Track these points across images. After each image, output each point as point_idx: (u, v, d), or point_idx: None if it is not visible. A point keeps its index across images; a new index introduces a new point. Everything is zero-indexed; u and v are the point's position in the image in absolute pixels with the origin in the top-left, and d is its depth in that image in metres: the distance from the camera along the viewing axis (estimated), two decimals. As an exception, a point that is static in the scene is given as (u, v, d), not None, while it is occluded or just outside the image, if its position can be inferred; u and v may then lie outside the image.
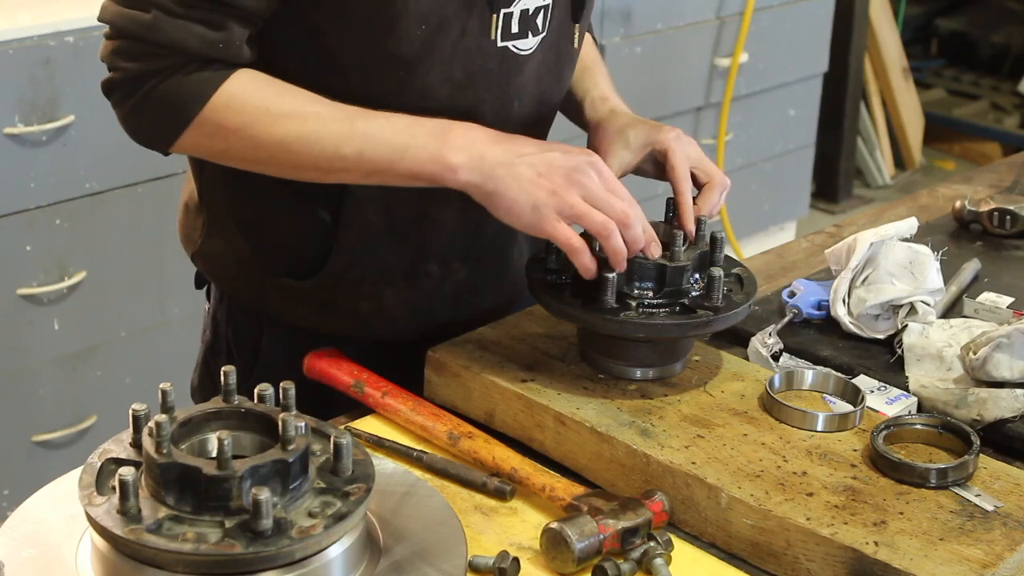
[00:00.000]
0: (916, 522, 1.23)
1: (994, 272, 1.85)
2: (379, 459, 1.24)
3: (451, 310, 1.60)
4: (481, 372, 1.45)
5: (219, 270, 1.61)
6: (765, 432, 1.36)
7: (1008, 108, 5.82)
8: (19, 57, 2.59)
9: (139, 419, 1.11)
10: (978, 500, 1.26)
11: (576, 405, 1.39)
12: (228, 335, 1.64)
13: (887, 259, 1.64)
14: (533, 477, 1.31)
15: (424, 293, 1.57)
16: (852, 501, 1.25)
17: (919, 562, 1.17)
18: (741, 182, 4.36)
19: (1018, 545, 1.20)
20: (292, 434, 1.08)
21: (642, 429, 1.36)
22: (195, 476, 1.04)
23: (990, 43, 6.03)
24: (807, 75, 4.46)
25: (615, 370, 1.45)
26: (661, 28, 3.86)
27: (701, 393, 1.43)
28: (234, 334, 1.63)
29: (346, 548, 1.09)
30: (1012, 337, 1.46)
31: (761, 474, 1.29)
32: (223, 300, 1.64)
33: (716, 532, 1.28)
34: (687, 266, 1.43)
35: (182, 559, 1.02)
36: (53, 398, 2.79)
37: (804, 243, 2.02)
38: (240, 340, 1.63)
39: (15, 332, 2.71)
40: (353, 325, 1.57)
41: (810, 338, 1.63)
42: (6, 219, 2.64)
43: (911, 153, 5.55)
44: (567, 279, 1.46)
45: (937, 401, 1.48)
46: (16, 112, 2.61)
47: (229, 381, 1.14)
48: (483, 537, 1.26)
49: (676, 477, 1.30)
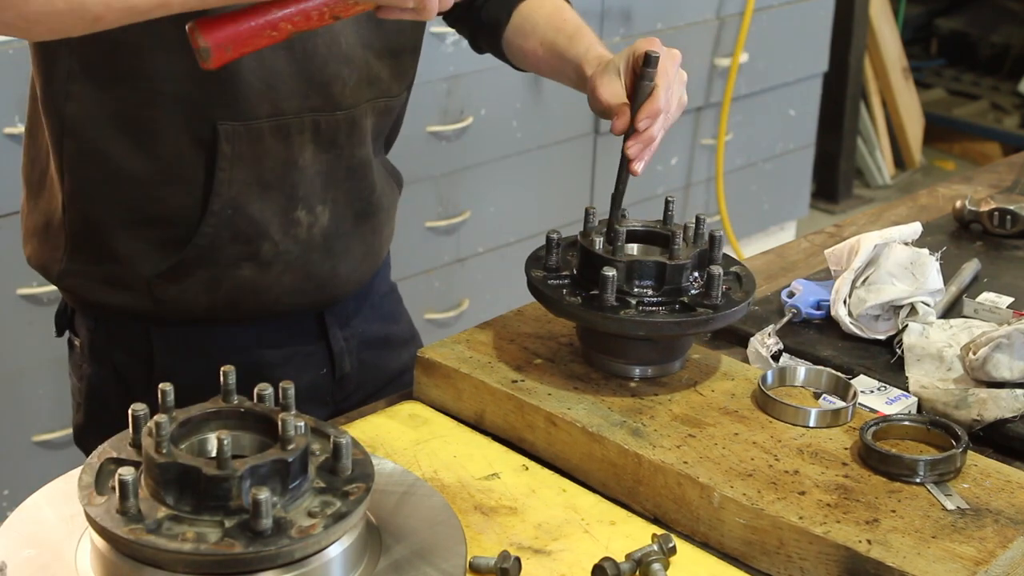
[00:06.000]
0: (908, 520, 1.23)
1: (994, 272, 1.85)
2: (378, 459, 1.24)
3: (326, 261, 1.60)
4: (471, 373, 1.45)
5: (87, 289, 1.59)
6: (756, 431, 1.36)
7: (1008, 108, 5.82)
8: (19, 57, 2.59)
9: (139, 419, 1.11)
10: (947, 499, 1.26)
11: (567, 405, 1.39)
12: (114, 358, 1.62)
13: (888, 260, 1.64)
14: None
15: (298, 243, 1.57)
16: (844, 499, 1.26)
17: (912, 560, 1.17)
18: (741, 182, 4.36)
19: (1010, 542, 1.20)
20: (291, 434, 1.08)
21: (633, 429, 1.36)
22: (195, 476, 1.04)
23: (990, 43, 6.03)
24: (807, 75, 4.46)
25: (615, 368, 1.45)
26: (661, 28, 3.86)
27: (692, 392, 1.43)
28: (120, 355, 1.62)
29: (346, 548, 1.09)
30: (1012, 337, 1.46)
31: (753, 473, 1.29)
32: (99, 328, 1.62)
33: (708, 531, 1.28)
34: (686, 264, 1.43)
35: (182, 559, 1.02)
36: (53, 398, 2.79)
37: (804, 243, 2.02)
38: (130, 358, 1.61)
39: (15, 332, 2.71)
40: (239, 297, 1.57)
41: (810, 338, 1.64)
42: (6, 219, 2.64)
43: (911, 153, 5.55)
44: (566, 277, 1.46)
45: (937, 401, 1.48)
46: (16, 112, 2.61)
47: (228, 381, 1.14)
48: (483, 537, 1.26)
49: (668, 477, 1.30)
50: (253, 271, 1.56)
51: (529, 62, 1.70)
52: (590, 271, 1.43)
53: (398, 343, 1.78)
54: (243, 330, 1.61)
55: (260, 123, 1.50)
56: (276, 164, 1.53)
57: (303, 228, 1.57)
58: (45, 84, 1.53)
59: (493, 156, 3.52)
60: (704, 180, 4.22)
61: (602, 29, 3.68)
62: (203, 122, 1.48)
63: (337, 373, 1.70)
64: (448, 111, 3.35)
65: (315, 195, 1.57)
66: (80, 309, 1.64)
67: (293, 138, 1.53)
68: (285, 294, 1.60)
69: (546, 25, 1.66)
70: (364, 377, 1.73)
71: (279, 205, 1.55)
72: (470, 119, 3.40)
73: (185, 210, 1.52)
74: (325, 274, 1.61)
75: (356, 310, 1.71)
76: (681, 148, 4.10)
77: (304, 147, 1.54)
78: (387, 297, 1.80)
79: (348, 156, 1.59)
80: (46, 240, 1.60)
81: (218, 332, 1.60)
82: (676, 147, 4.07)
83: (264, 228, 1.55)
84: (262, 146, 1.51)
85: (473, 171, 3.48)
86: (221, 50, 1.29)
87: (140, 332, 1.60)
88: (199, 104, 1.47)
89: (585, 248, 1.45)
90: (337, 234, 1.61)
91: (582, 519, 1.29)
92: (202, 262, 1.54)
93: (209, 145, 1.49)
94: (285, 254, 1.57)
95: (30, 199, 1.62)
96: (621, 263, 1.42)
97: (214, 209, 1.51)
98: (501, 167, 3.55)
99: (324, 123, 1.54)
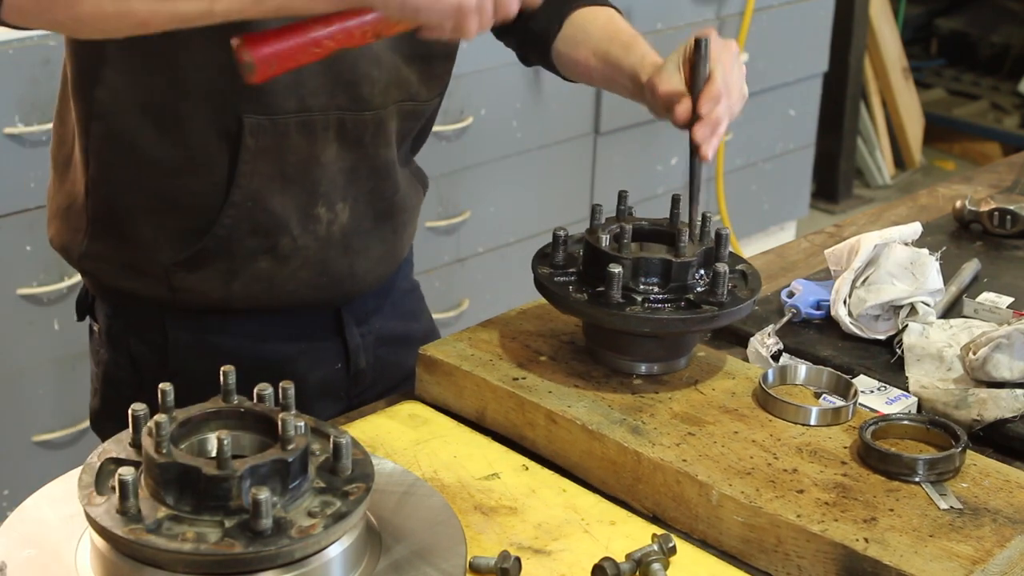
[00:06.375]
0: (906, 518, 1.23)
1: (994, 272, 1.85)
2: (378, 459, 1.24)
3: (343, 258, 1.61)
4: (472, 370, 1.45)
5: (105, 273, 1.61)
6: (756, 429, 1.36)
7: (1008, 108, 5.82)
8: (19, 57, 2.59)
9: (139, 419, 1.11)
10: (942, 499, 1.26)
11: (567, 403, 1.40)
12: (129, 346, 1.63)
13: (888, 260, 1.64)
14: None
15: (317, 239, 1.58)
16: (842, 498, 1.26)
17: (909, 558, 1.17)
18: (741, 182, 4.36)
19: (1008, 541, 1.20)
20: (291, 434, 1.08)
21: (633, 427, 1.36)
22: (195, 476, 1.04)
23: (990, 43, 6.03)
24: (807, 75, 4.46)
25: (620, 365, 1.46)
26: (661, 28, 3.86)
27: (692, 391, 1.43)
28: (136, 343, 1.63)
29: (345, 548, 1.09)
30: (1012, 337, 1.46)
31: (752, 471, 1.29)
32: (116, 314, 1.64)
33: (707, 529, 1.28)
34: (692, 262, 1.43)
35: (182, 559, 1.02)
36: (53, 398, 2.79)
37: (804, 243, 2.02)
38: (145, 346, 1.62)
39: (15, 332, 2.71)
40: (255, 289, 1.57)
41: (810, 338, 1.64)
42: (6, 219, 2.64)
43: (911, 153, 5.55)
44: (573, 274, 1.46)
45: (937, 401, 1.48)
46: (16, 112, 2.62)
47: (228, 381, 1.14)
48: (483, 537, 1.26)
49: (667, 474, 1.30)
50: (270, 264, 1.57)
51: (581, 72, 1.68)
52: (596, 268, 1.44)
53: (417, 341, 1.77)
54: (258, 323, 1.62)
55: (286, 118, 1.50)
56: (299, 159, 1.53)
57: (323, 224, 1.58)
58: (76, 67, 1.54)
59: (493, 156, 3.52)
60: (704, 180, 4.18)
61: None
62: (229, 114, 1.49)
63: (352, 369, 1.70)
64: (448, 111, 3.35)
65: (336, 192, 1.57)
66: (99, 295, 1.65)
67: (318, 135, 1.53)
68: (301, 289, 1.60)
69: (600, 35, 1.64)
70: (380, 373, 1.73)
71: (300, 200, 1.55)
72: (470, 119, 3.40)
73: (206, 200, 1.53)
74: (342, 271, 1.61)
75: (376, 307, 1.71)
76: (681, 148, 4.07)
77: (328, 145, 1.54)
78: (409, 295, 1.81)
79: (372, 156, 1.59)
80: (68, 221, 1.61)
81: (232, 324, 1.60)
82: (676, 147, 4.07)
83: (284, 222, 1.55)
84: (286, 141, 1.51)
85: (473, 171, 3.48)
86: (266, 65, 1.31)
87: (156, 321, 1.60)
88: (227, 96, 1.48)
89: (591, 245, 1.46)
90: (356, 232, 1.61)
91: (582, 519, 1.29)
92: (220, 253, 1.54)
93: (234, 137, 1.50)
94: (303, 249, 1.57)
95: (56, 180, 1.64)
96: (627, 260, 1.42)
97: (235, 200, 1.52)
98: (501, 167, 3.55)
99: (350, 122, 1.55)
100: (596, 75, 1.66)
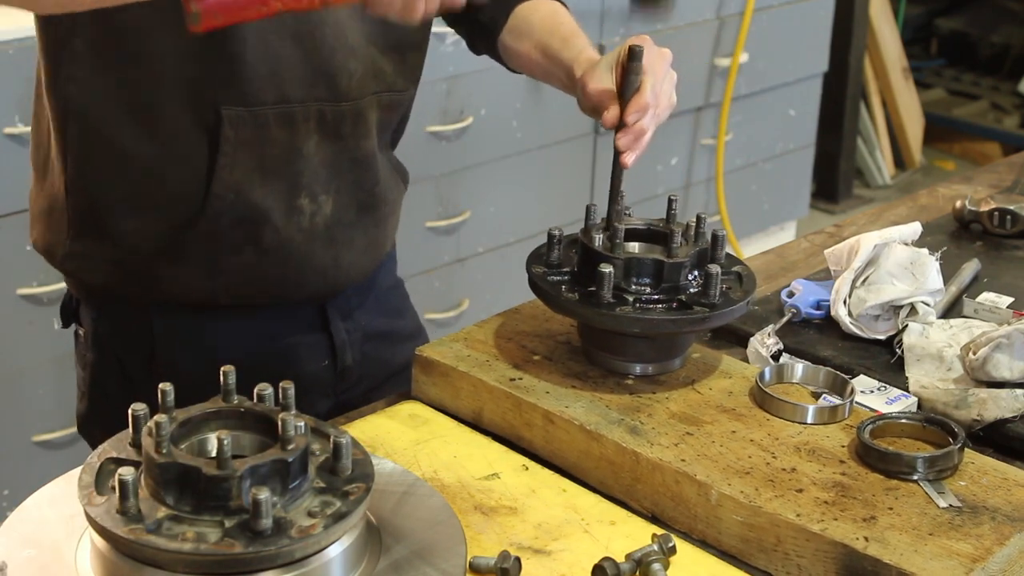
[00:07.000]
0: (905, 517, 1.23)
1: (994, 272, 1.85)
2: (378, 459, 1.24)
3: (327, 250, 1.61)
4: (469, 371, 1.45)
5: (89, 273, 1.60)
6: (754, 429, 1.36)
7: (1008, 108, 5.82)
8: (19, 57, 2.59)
9: (139, 419, 1.11)
10: (940, 497, 1.26)
11: (565, 403, 1.40)
12: (116, 347, 1.64)
13: (888, 259, 1.64)
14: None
15: (301, 230, 1.58)
16: (841, 497, 1.26)
17: (909, 557, 1.17)
18: (741, 182, 4.36)
19: (1007, 540, 1.20)
20: (291, 434, 1.08)
21: (631, 427, 1.36)
22: (195, 476, 1.04)
23: (990, 43, 6.03)
24: (807, 75, 4.46)
25: (614, 366, 1.46)
26: (661, 28, 3.86)
27: (690, 391, 1.43)
28: (122, 344, 1.63)
29: (345, 548, 1.09)
30: (1012, 337, 1.46)
31: (750, 471, 1.29)
32: (101, 317, 1.64)
33: (706, 529, 1.28)
34: (685, 263, 1.43)
35: (182, 559, 1.02)
36: (53, 398, 2.79)
37: (804, 243, 2.02)
38: (131, 347, 1.62)
39: (15, 332, 2.71)
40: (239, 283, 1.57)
41: (810, 338, 1.64)
42: (6, 219, 2.64)
43: (911, 153, 5.55)
44: (566, 274, 1.46)
45: (937, 401, 1.48)
46: (16, 112, 2.62)
47: (228, 381, 1.14)
48: (483, 537, 1.26)
49: (665, 474, 1.30)
50: (254, 257, 1.57)
51: (523, 64, 1.71)
52: (589, 268, 1.44)
53: (402, 337, 1.78)
54: (243, 320, 1.62)
55: (265, 110, 1.51)
56: (280, 151, 1.54)
57: (306, 216, 1.58)
58: (49, 66, 1.54)
59: (493, 156, 3.52)
60: (704, 180, 4.21)
61: (602, 29, 3.68)
62: (207, 106, 1.49)
63: (339, 365, 1.70)
64: (448, 111, 3.35)
65: (319, 184, 1.58)
66: (84, 298, 1.65)
67: (298, 126, 1.53)
68: (286, 282, 1.60)
69: (541, 28, 1.67)
70: (367, 370, 1.74)
71: (282, 192, 1.55)
72: (470, 119, 3.40)
73: (187, 193, 1.53)
74: (327, 263, 1.62)
75: (359, 303, 1.71)
76: (681, 148, 4.10)
77: (309, 136, 1.55)
78: (392, 291, 1.81)
79: (353, 148, 1.59)
80: (50, 223, 1.61)
81: (218, 321, 1.60)
82: (676, 147, 4.07)
83: (266, 214, 1.55)
84: (267, 133, 1.52)
85: (473, 171, 3.48)
86: (210, 15, 1.30)
87: (141, 321, 1.60)
88: (203, 87, 1.48)
89: (585, 244, 1.46)
90: (340, 224, 1.61)
91: (582, 519, 1.29)
92: (203, 246, 1.54)
93: (212, 129, 1.50)
94: (287, 241, 1.58)
95: (36, 182, 1.64)
96: (619, 260, 1.42)
97: (216, 192, 1.52)
98: (501, 167, 3.55)
99: (329, 113, 1.55)
100: (536, 68, 1.68)
